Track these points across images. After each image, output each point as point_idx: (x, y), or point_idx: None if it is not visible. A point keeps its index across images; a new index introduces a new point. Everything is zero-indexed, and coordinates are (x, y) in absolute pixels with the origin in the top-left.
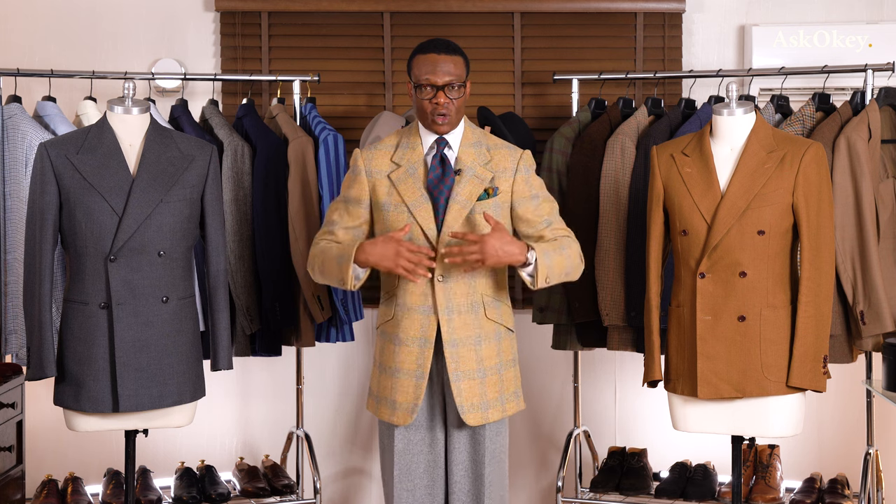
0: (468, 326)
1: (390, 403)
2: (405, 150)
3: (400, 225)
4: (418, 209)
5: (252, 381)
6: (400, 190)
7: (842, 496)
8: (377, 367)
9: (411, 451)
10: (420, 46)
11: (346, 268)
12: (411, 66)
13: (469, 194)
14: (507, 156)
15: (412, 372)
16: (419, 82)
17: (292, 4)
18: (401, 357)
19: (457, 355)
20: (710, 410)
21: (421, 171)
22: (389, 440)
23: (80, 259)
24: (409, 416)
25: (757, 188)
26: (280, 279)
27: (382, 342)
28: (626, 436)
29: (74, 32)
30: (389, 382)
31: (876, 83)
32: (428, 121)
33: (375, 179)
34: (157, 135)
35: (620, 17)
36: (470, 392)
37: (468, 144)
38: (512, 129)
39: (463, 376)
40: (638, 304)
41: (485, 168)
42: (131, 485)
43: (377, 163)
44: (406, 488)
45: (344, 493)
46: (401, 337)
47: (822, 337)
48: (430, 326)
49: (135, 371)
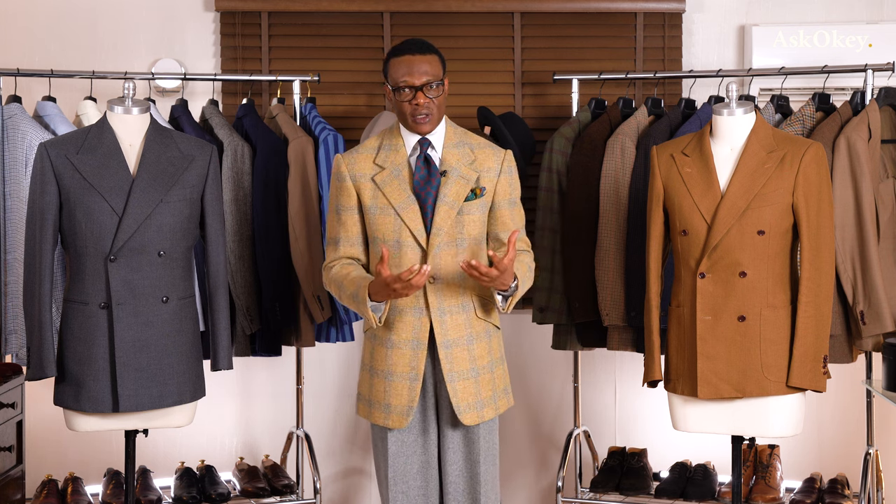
0: (460, 327)
1: (384, 407)
2: (388, 152)
3: (387, 228)
4: (406, 211)
5: (252, 381)
6: (386, 192)
7: (842, 496)
8: (367, 371)
9: (405, 453)
10: (394, 49)
11: (366, 310)
12: (388, 69)
13: (456, 195)
14: (491, 155)
15: (405, 374)
16: (397, 85)
17: (292, 4)
18: (393, 360)
19: (451, 356)
20: (710, 410)
21: (406, 172)
22: (383, 443)
23: (80, 259)
24: (405, 418)
25: (757, 188)
26: (280, 279)
27: (372, 345)
28: (626, 436)
29: (74, 32)
30: (382, 386)
31: (876, 83)
32: (409, 122)
33: (360, 183)
34: (157, 135)
35: (620, 17)
36: (465, 392)
37: (451, 145)
38: (512, 129)
39: (458, 377)
40: (638, 304)
41: (470, 168)
42: (131, 485)
43: (360, 166)
44: (401, 490)
45: (344, 493)
46: (393, 340)
47: (822, 337)
48: (423, 328)
49: (135, 371)
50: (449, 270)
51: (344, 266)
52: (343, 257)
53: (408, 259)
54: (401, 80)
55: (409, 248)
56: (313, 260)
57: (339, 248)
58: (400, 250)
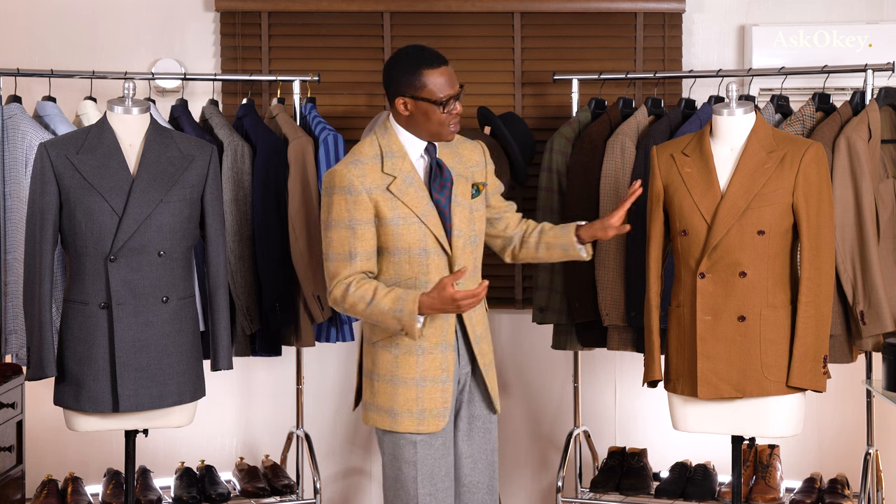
0: (481, 321)
1: (417, 414)
2: (394, 160)
3: (412, 238)
4: (428, 218)
5: (252, 381)
6: (406, 201)
7: (842, 496)
8: (384, 382)
9: (433, 455)
10: (419, 62)
11: (413, 324)
12: (422, 82)
13: (464, 194)
14: (472, 149)
15: (438, 378)
16: (439, 99)
17: (292, 4)
18: (425, 365)
19: (481, 350)
20: (710, 410)
21: (417, 179)
22: (411, 448)
23: (80, 259)
24: (441, 421)
25: (757, 188)
26: (280, 279)
27: (393, 355)
28: (626, 436)
29: (74, 32)
30: (412, 393)
31: (876, 83)
32: (443, 132)
33: (376, 195)
34: (157, 135)
35: (620, 17)
36: (492, 382)
37: (442, 146)
38: (512, 129)
39: (488, 367)
40: (638, 304)
41: (462, 165)
42: (131, 485)
43: (370, 178)
44: (428, 492)
45: (344, 493)
46: (424, 346)
47: (822, 337)
48: (449, 329)
49: (135, 371)
50: (468, 269)
51: (364, 281)
52: (360, 272)
53: (435, 265)
54: (442, 93)
55: (434, 255)
56: (313, 260)
57: (355, 262)
58: (426, 258)
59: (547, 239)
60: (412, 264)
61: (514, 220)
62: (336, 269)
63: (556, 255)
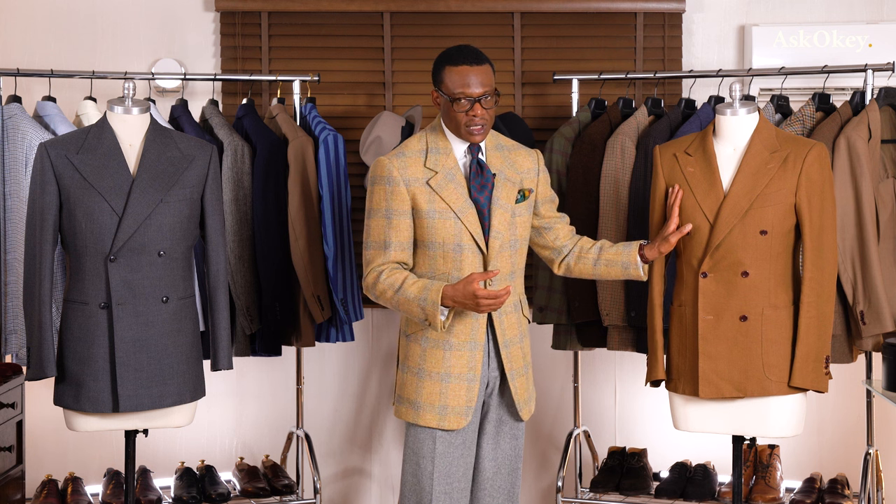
0: (514, 326)
1: (439, 409)
2: (438, 156)
3: (447, 233)
4: (465, 214)
5: (252, 381)
6: (444, 196)
7: (842, 496)
8: (413, 375)
9: (452, 454)
10: (449, 57)
11: (435, 314)
12: (441, 76)
13: (507, 198)
14: (526, 156)
15: (464, 376)
16: (454, 96)
17: (292, 4)
18: (451, 362)
19: (510, 354)
20: (711, 410)
21: (459, 176)
22: (431, 444)
23: (80, 259)
24: (464, 419)
25: (760, 188)
26: (280, 279)
27: (422, 348)
28: (626, 436)
29: (74, 32)
30: (437, 388)
31: (876, 83)
32: (462, 132)
33: (414, 188)
34: (157, 135)
35: (620, 17)
36: (522, 388)
37: (492, 148)
38: (512, 129)
39: (516, 374)
40: (638, 304)
41: (512, 170)
42: (131, 485)
43: (412, 171)
44: (444, 491)
45: (344, 493)
46: (452, 342)
47: (824, 337)
48: (480, 329)
49: (135, 371)
50: (504, 272)
51: (396, 270)
52: (393, 261)
53: (468, 262)
54: (458, 90)
55: (469, 252)
56: (313, 260)
57: (389, 251)
58: (461, 254)
59: (607, 256)
60: (446, 259)
61: (563, 232)
62: (371, 256)
63: (615, 273)
